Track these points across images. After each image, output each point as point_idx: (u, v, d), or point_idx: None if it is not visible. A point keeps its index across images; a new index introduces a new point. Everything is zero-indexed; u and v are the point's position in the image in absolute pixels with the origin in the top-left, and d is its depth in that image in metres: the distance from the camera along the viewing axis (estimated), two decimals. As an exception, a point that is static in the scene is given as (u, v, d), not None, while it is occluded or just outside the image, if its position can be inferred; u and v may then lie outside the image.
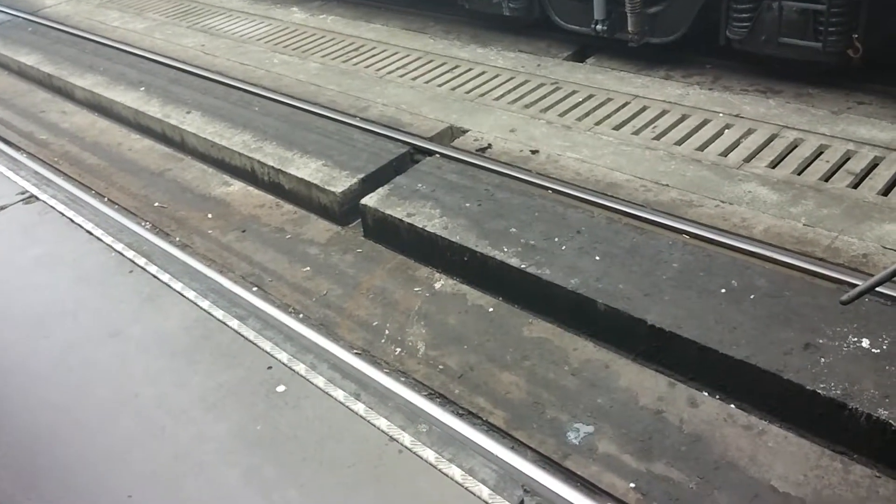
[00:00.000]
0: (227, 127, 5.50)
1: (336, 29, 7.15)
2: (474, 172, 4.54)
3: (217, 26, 7.63)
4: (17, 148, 5.83)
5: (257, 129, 5.40)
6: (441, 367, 3.36)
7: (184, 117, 5.73)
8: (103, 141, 5.95)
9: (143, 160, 5.61)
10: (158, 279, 3.16)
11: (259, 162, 5.06)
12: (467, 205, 4.20)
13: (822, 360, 2.87)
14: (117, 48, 7.26)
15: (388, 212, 4.26)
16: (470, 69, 5.97)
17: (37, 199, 3.68)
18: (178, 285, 3.14)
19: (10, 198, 3.70)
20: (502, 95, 5.50)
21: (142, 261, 3.24)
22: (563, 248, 3.73)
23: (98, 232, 3.35)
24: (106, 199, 5.04)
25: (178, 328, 3.25)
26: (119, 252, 3.22)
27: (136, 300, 3.27)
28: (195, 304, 3.43)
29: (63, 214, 3.51)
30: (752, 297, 3.21)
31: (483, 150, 4.85)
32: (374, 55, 6.47)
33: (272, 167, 4.98)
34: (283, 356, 3.25)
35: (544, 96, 5.40)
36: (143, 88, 6.30)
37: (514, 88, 5.58)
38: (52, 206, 3.59)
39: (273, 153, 5.08)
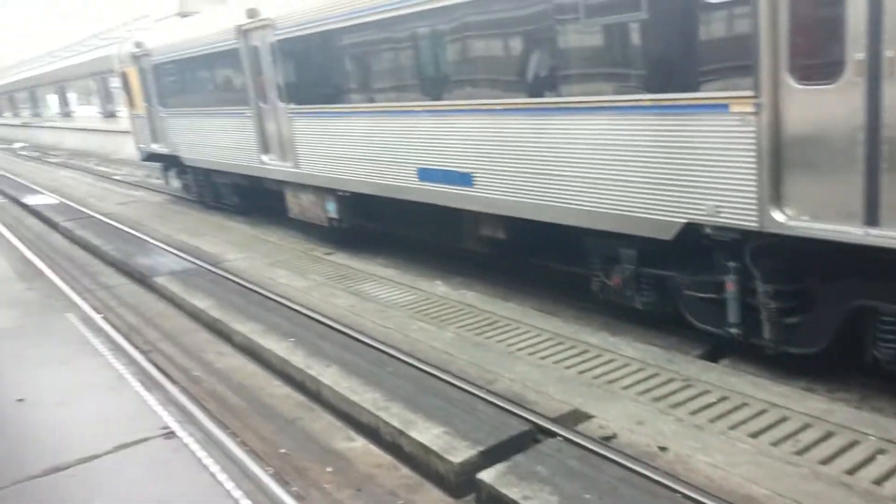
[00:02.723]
0: (360, 383, 5.77)
1: (474, 304, 7.62)
2: (597, 462, 4.40)
3: (367, 291, 8.37)
4: (173, 381, 6.36)
5: (387, 389, 5.61)
6: None
7: (323, 370, 6.10)
8: (248, 384, 6.39)
9: (279, 406, 5.92)
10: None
11: (384, 421, 5.19)
12: (587, 496, 4.01)
13: None
14: (278, 301, 8.07)
15: (505, 491, 4.14)
16: (599, 355, 6.06)
17: (175, 435, 3.94)
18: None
19: (152, 431, 4.00)
20: (630, 385, 5.48)
21: (257, 513, 3.32)
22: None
23: (222, 477, 3.50)
24: (239, 440, 5.29)
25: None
26: (236, 500, 3.31)
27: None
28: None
29: (194, 454, 3.73)
30: None
31: (608, 438, 4.73)
32: (506, 331, 6.77)
33: (395, 428, 5.08)
34: None
35: (674, 392, 5.32)
36: (292, 339, 6.84)
37: (644, 380, 5.55)
38: (186, 445, 3.83)
39: (398, 414, 5.21)
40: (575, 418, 5.08)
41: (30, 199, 18.46)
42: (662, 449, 4.53)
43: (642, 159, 5.72)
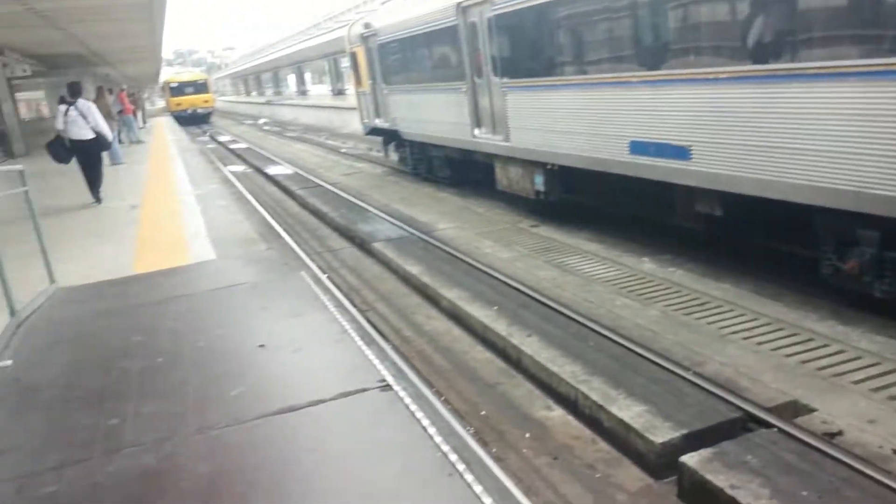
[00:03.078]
0: (560, 355, 5.80)
1: (682, 282, 7.29)
2: (818, 459, 4.04)
3: (570, 264, 8.34)
4: (386, 339, 6.86)
5: (588, 363, 5.59)
6: None
7: (524, 339, 6.22)
8: (453, 347, 6.70)
9: (481, 370, 6.15)
10: (472, 489, 3.34)
11: (583, 394, 5.19)
12: (804, 493, 3.71)
13: None
14: (483, 270, 8.33)
15: (710, 477, 3.96)
16: (826, 345, 5.53)
17: (391, 388, 4.25)
18: (488, 501, 3.27)
19: (371, 383, 4.35)
20: (863, 380, 4.94)
21: (461, 466, 3.49)
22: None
23: (432, 430, 3.73)
24: (443, 399, 5.60)
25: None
26: (444, 454, 3.52)
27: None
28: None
29: (408, 407, 4.00)
30: None
31: (832, 435, 4.33)
32: (717, 313, 6.40)
33: (595, 402, 5.05)
34: None
35: (917, 391, 4.72)
36: (495, 308, 7.04)
37: (880, 375, 4.98)
38: (400, 398, 4.12)
39: (598, 388, 5.17)
40: (794, 410, 4.71)
41: (271, 169, 20.68)
42: (898, 453, 4.05)
43: None
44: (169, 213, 10.95)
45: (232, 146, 31.12)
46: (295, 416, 4.04)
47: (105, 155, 13.64)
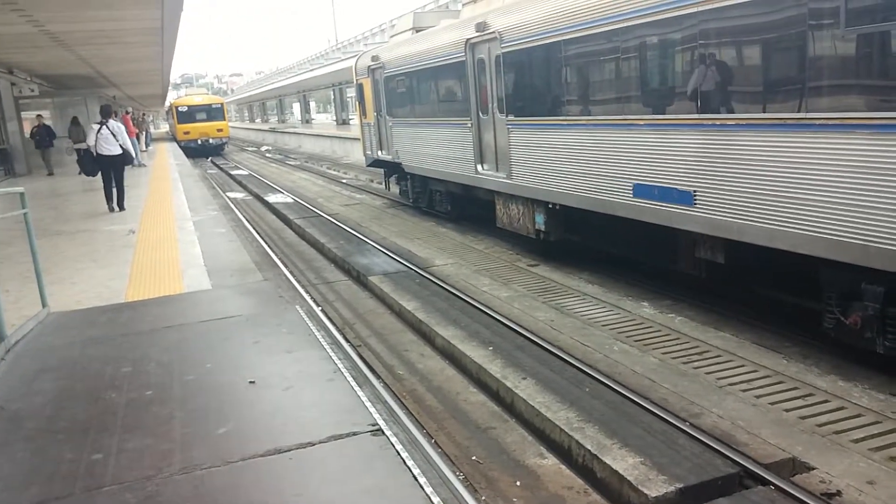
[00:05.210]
0: (555, 400, 5.71)
1: (682, 330, 7.21)
2: (817, 521, 3.94)
3: (569, 306, 8.27)
4: (379, 377, 6.76)
5: (583, 410, 5.49)
6: None
7: (519, 382, 6.12)
8: (446, 387, 6.59)
9: (473, 413, 6.04)
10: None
11: (577, 442, 5.08)
12: (802, 558, 3.61)
13: None
14: (480, 309, 8.25)
15: (705, 537, 3.85)
16: (826, 401, 5.44)
17: (382, 432, 4.16)
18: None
19: (363, 426, 4.26)
20: (863, 439, 4.85)
21: (450, 519, 3.40)
22: None
23: (422, 480, 3.63)
24: (433, 441, 5.49)
25: None
26: (434, 505, 3.43)
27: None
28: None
29: (399, 454, 3.91)
30: None
31: (830, 496, 4.24)
32: (716, 363, 6.32)
33: (589, 451, 4.95)
34: None
35: (918, 453, 4.62)
36: (491, 348, 6.96)
37: (880, 434, 4.89)
38: (392, 444, 4.03)
39: (593, 437, 5.07)
40: (792, 467, 4.61)
41: (270, 197, 20.71)
42: (899, 519, 3.95)
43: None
44: (166, 239, 10.90)
45: (233, 172, 31.24)
46: (282, 459, 3.93)
47: None
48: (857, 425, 5.05)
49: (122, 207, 14.06)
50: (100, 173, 14.16)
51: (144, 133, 36.09)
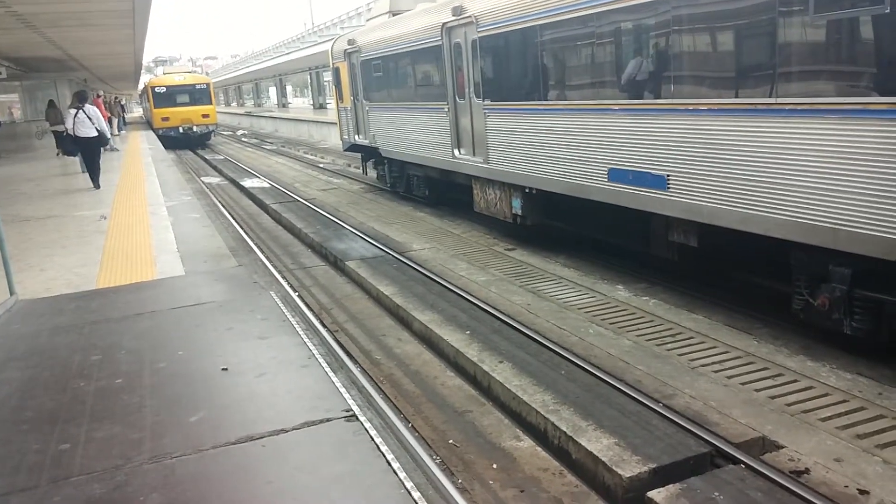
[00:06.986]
0: (531, 383, 5.73)
1: (656, 312, 7.27)
2: (784, 497, 4.01)
3: (545, 290, 8.29)
4: (355, 362, 6.74)
5: (559, 392, 5.53)
6: None
7: (496, 365, 6.14)
8: (423, 372, 6.59)
9: (450, 397, 6.05)
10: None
11: (553, 424, 5.12)
12: (771, 535, 3.67)
13: None
14: (457, 293, 8.25)
15: (676, 516, 3.90)
16: (795, 381, 5.52)
17: (356, 418, 4.15)
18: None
19: (337, 412, 4.24)
20: (830, 417, 4.93)
21: (424, 504, 3.40)
22: None
23: (396, 465, 3.63)
24: (410, 426, 5.49)
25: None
26: (408, 490, 3.42)
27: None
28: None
29: (373, 440, 3.90)
30: None
31: (798, 473, 4.30)
32: (689, 344, 6.38)
33: (564, 433, 4.98)
34: None
35: (883, 430, 4.72)
36: (468, 332, 6.96)
37: (847, 413, 4.98)
38: (366, 429, 4.02)
39: (568, 419, 5.11)
40: (762, 446, 4.69)
41: (246, 182, 20.50)
42: (863, 492, 4.03)
43: (875, 169, 5.08)
44: (138, 224, 10.74)
45: (208, 157, 30.85)
46: (255, 447, 3.90)
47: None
48: (824, 404, 5.13)
49: (97, 185, 14.87)
50: (80, 155, 15.53)
51: (118, 117, 35.37)
